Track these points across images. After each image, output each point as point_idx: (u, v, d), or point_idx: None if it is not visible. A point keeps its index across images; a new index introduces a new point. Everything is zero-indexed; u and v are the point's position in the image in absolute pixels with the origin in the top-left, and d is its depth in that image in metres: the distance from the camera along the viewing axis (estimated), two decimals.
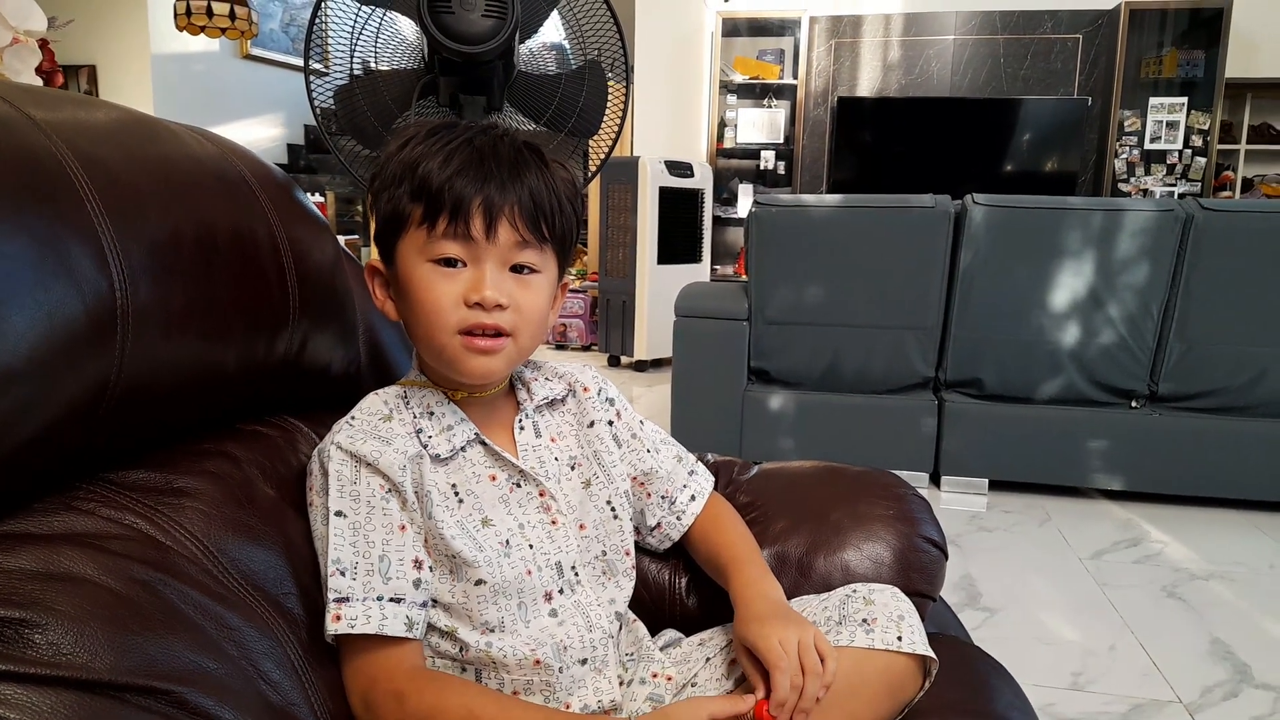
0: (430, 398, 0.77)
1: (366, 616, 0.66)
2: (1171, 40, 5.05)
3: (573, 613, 0.76)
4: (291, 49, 6.28)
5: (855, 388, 2.78)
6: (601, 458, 0.83)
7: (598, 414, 0.85)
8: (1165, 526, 2.49)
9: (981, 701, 0.78)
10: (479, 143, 0.73)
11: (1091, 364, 2.63)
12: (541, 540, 0.76)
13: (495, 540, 0.74)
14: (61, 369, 0.52)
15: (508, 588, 0.73)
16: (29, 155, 0.54)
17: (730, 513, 0.90)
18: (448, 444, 0.75)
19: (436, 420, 0.76)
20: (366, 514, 0.69)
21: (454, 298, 0.71)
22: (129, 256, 0.57)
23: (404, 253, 0.73)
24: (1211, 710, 1.54)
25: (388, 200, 0.73)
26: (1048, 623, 1.88)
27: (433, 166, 0.71)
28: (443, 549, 0.71)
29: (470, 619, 0.72)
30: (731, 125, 5.64)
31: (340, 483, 0.70)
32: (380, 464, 0.69)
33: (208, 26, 3.61)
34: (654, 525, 0.88)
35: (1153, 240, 2.52)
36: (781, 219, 2.70)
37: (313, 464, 0.74)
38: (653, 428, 0.91)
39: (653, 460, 0.87)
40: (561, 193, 0.75)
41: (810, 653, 0.69)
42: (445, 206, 0.70)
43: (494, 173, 0.71)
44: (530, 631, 0.74)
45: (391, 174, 0.73)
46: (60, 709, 0.46)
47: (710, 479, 0.92)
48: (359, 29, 1.75)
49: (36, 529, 0.55)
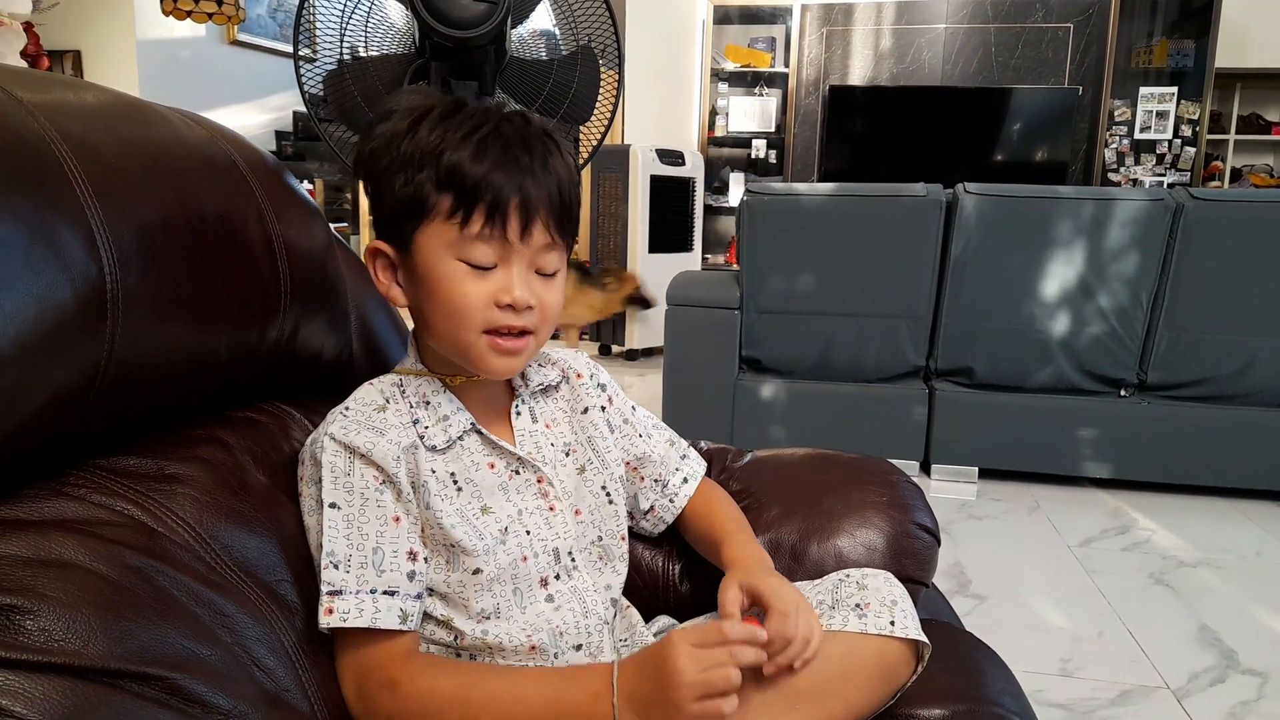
0: (426, 386, 0.76)
1: (359, 610, 0.66)
2: (1162, 30, 5.06)
3: (569, 598, 0.76)
4: (279, 35, 6.22)
5: (846, 376, 2.79)
6: (595, 443, 0.83)
7: (590, 400, 0.85)
8: (1153, 514, 2.51)
9: (974, 687, 0.79)
10: (507, 131, 0.70)
11: (1081, 353, 2.64)
12: (539, 526, 0.76)
13: (494, 527, 0.73)
14: (51, 354, 0.52)
15: (503, 574, 0.72)
16: (17, 138, 0.53)
17: (722, 494, 0.91)
18: (444, 434, 0.74)
19: (433, 410, 0.75)
20: (360, 506, 0.68)
21: (484, 298, 0.70)
22: (119, 240, 0.56)
23: (426, 244, 0.71)
24: (1199, 696, 1.56)
25: (404, 184, 0.70)
26: (1037, 609, 1.89)
27: (463, 157, 0.68)
28: (441, 538, 0.71)
29: (466, 608, 0.72)
30: (723, 113, 5.63)
31: (334, 474, 0.69)
32: (374, 455, 0.68)
33: (194, 12, 3.56)
34: (647, 509, 0.88)
35: (1142, 230, 2.53)
36: (773, 208, 2.69)
37: (304, 453, 0.74)
38: (644, 413, 0.91)
39: (645, 445, 0.88)
40: (576, 183, 0.75)
41: (810, 613, 0.71)
42: (482, 202, 0.68)
43: (528, 166, 0.70)
44: (526, 617, 0.73)
45: (407, 155, 0.70)
46: (53, 695, 0.45)
47: (702, 463, 0.92)
48: (348, 14, 1.73)
49: (27, 515, 0.54)
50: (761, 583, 0.73)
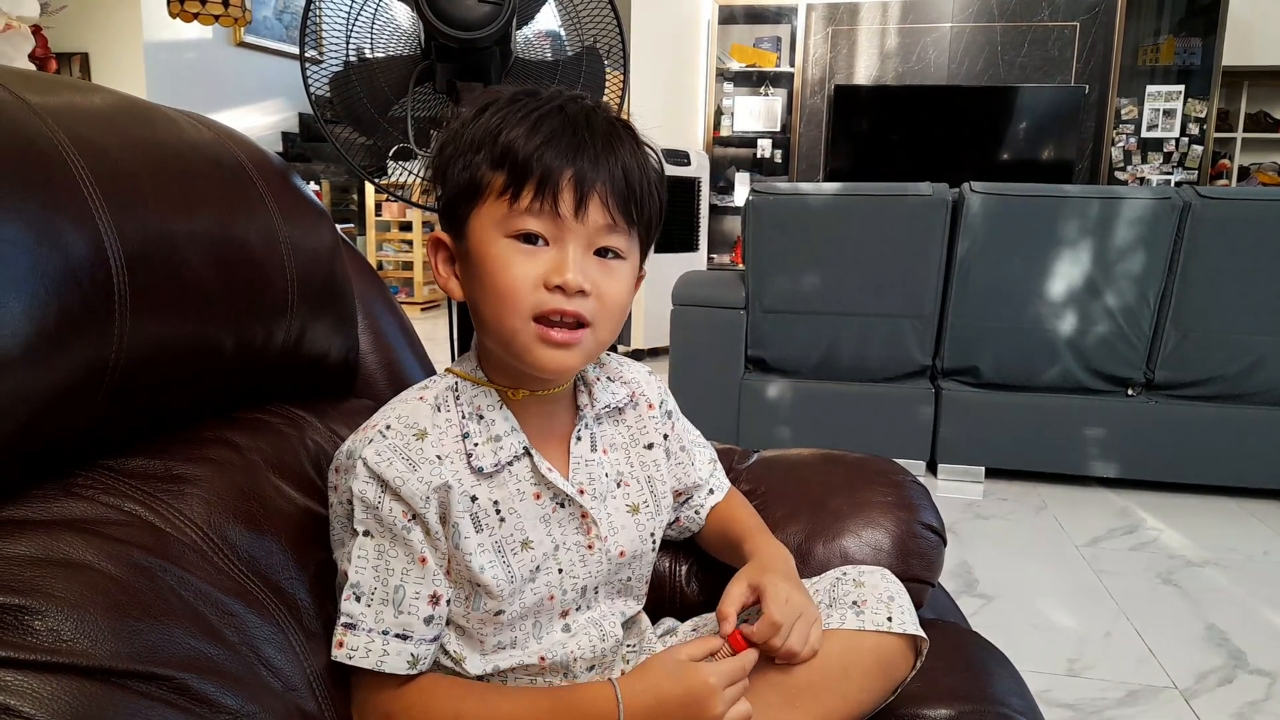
0: (483, 399, 0.70)
1: (367, 650, 0.64)
2: (1169, 28, 5.04)
3: (586, 625, 0.75)
4: (285, 36, 6.24)
5: (852, 376, 2.78)
6: (655, 486, 0.79)
7: (656, 435, 0.81)
8: (1161, 514, 2.50)
9: (980, 687, 0.79)
10: (570, 111, 0.66)
11: (1088, 352, 2.63)
12: (573, 564, 0.73)
13: (529, 566, 0.70)
14: (58, 354, 0.52)
15: (525, 613, 0.71)
16: (25, 140, 0.53)
17: (740, 497, 0.90)
18: (493, 456, 0.68)
19: (485, 426, 0.69)
20: (390, 540, 0.66)
21: (533, 279, 0.64)
22: (126, 242, 0.56)
23: (478, 225, 0.66)
24: (1206, 696, 1.55)
25: (463, 168, 0.66)
26: (1044, 609, 1.89)
27: (519, 133, 0.64)
28: (468, 577, 0.68)
29: (482, 645, 0.70)
30: (728, 113, 5.62)
31: (364, 504, 0.65)
32: (402, 492, 0.64)
33: (200, 14, 3.57)
34: (673, 521, 0.88)
35: (1149, 229, 2.52)
36: (778, 207, 2.69)
37: (340, 459, 0.69)
38: (686, 426, 0.87)
39: (696, 473, 0.85)
40: (652, 174, 0.70)
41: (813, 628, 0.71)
42: (532, 177, 0.63)
43: (587, 144, 0.65)
44: (542, 647, 0.72)
45: (468, 140, 0.67)
46: (61, 695, 0.46)
47: (724, 473, 0.91)
48: (354, 16, 1.74)
49: (35, 515, 0.54)
50: (770, 585, 0.72)
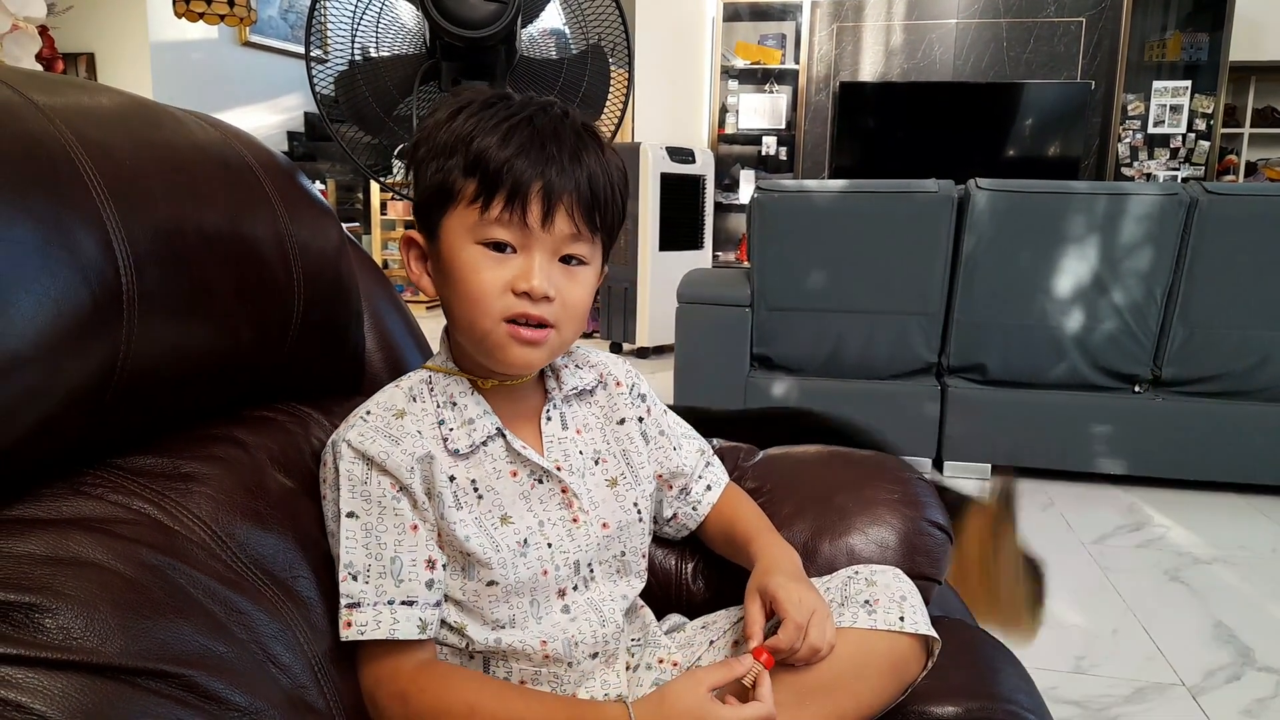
0: (455, 386, 0.74)
1: (377, 622, 0.66)
2: (1175, 23, 5.02)
3: (585, 609, 0.76)
4: (290, 36, 6.26)
5: (858, 373, 2.78)
6: (630, 457, 0.81)
7: (628, 411, 0.83)
8: (1168, 511, 2.49)
9: (988, 684, 0.79)
10: (540, 122, 0.69)
11: (1094, 349, 2.62)
12: (561, 539, 0.75)
13: (513, 539, 0.72)
14: (67, 354, 0.52)
15: (521, 587, 0.72)
16: (33, 140, 0.53)
17: (743, 495, 0.90)
18: (468, 439, 0.72)
19: (459, 411, 0.73)
20: (379, 515, 0.68)
21: (501, 284, 0.68)
22: (134, 242, 0.57)
23: (450, 229, 0.70)
24: (1214, 693, 1.55)
25: (436, 171, 0.70)
26: (1051, 606, 1.88)
27: (490, 143, 0.67)
28: (457, 547, 0.70)
29: (481, 616, 0.71)
30: (733, 111, 5.62)
31: (351, 482, 0.68)
32: (388, 465, 0.68)
33: (206, 13, 3.59)
34: (670, 516, 0.88)
35: (1156, 225, 2.51)
36: (784, 205, 2.69)
37: (326, 454, 0.72)
38: (675, 419, 0.89)
39: (679, 459, 0.86)
40: (616, 181, 0.73)
41: (827, 622, 0.71)
42: (502, 188, 0.67)
43: (555, 156, 0.68)
44: (542, 627, 0.73)
45: (442, 143, 0.69)
46: (71, 692, 0.46)
47: (723, 469, 0.91)
48: (359, 15, 1.74)
49: (45, 514, 0.55)
50: (780, 588, 0.72)
